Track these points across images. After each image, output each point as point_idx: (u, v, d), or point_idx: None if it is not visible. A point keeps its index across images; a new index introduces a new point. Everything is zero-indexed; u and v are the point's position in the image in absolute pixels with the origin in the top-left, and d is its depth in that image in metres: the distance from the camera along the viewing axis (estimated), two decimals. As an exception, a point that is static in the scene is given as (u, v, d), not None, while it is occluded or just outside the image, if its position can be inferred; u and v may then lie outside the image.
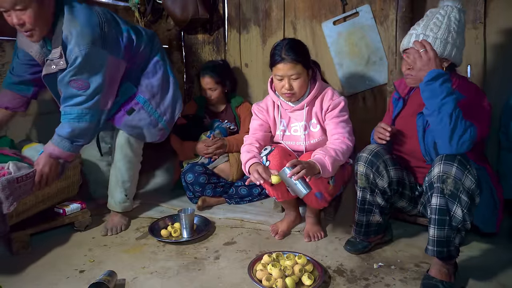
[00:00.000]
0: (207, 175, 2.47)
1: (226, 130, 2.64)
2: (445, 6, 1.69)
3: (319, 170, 1.67)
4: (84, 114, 1.85)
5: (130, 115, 2.05)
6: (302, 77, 1.86)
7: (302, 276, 1.59)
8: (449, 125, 1.45)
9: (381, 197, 1.75)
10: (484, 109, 1.59)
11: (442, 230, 1.48)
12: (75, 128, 1.85)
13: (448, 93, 1.46)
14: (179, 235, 2.04)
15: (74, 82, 1.81)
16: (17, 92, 2.05)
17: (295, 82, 1.86)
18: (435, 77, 1.47)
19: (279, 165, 1.85)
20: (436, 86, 1.47)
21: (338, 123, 1.90)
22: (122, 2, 2.92)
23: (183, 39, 3.22)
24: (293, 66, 1.82)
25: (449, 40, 1.64)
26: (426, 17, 1.71)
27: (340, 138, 1.86)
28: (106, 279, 1.52)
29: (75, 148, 1.91)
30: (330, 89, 1.98)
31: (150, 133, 2.15)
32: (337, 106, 1.92)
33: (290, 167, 1.62)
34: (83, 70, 1.80)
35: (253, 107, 2.09)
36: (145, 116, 2.09)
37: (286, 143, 2.02)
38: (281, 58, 1.83)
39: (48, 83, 1.95)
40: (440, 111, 1.46)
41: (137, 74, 2.12)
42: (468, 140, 1.45)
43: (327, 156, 1.72)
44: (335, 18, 2.57)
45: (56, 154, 1.86)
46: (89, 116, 1.87)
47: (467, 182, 1.44)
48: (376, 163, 1.70)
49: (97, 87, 1.85)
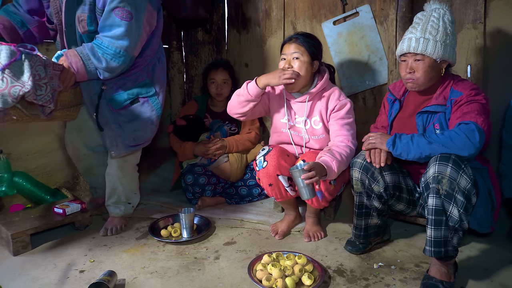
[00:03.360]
0: (207, 176, 2.47)
1: (226, 131, 2.64)
2: (436, 8, 1.70)
3: (326, 173, 1.69)
4: (120, 55, 1.80)
5: (132, 106, 1.97)
6: (303, 61, 1.87)
7: (302, 276, 1.59)
8: (446, 147, 1.49)
9: (378, 201, 1.75)
10: (480, 102, 1.59)
11: (439, 231, 1.49)
12: (108, 65, 1.80)
13: (412, 139, 1.55)
14: (179, 235, 2.04)
15: (119, 10, 1.75)
16: (9, 18, 1.91)
17: (295, 62, 1.88)
18: (393, 141, 1.59)
19: (276, 165, 1.86)
20: (403, 143, 1.57)
21: (343, 125, 1.90)
22: (122, 2, 2.91)
23: (183, 39, 3.22)
24: (297, 47, 1.87)
25: (447, 42, 1.66)
26: (420, 20, 1.71)
27: (345, 141, 1.86)
28: (106, 279, 1.52)
29: (93, 75, 1.84)
30: (337, 89, 1.98)
31: (145, 131, 2.03)
32: (343, 108, 1.92)
33: (303, 167, 1.65)
34: (130, 0, 1.77)
35: None
36: (147, 110, 2.01)
37: (290, 132, 2.03)
38: (290, 38, 1.91)
39: (66, 13, 1.83)
40: (430, 148, 1.52)
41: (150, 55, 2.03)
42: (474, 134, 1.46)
43: (334, 160, 1.73)
44: (335, 18, 2.57)
45: (77, 67, 1.78)
46: (122, 59, 1.81)
47: (462, 182, 1.44)
48: (371, 168, 1.70)
49: (138, 22, 1.80)
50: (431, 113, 1.70)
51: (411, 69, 1.68)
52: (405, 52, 1.70)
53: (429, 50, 1.63)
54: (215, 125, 2.66)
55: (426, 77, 1.67)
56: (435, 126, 1.67)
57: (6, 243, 1.88)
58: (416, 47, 1.64)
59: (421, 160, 1.56)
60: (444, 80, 1.72)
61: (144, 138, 2.03)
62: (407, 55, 1.70)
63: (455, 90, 1.65)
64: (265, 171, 1.89)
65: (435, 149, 1.51)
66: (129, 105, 1.96)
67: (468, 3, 2.17)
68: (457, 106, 1.61)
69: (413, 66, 1.68)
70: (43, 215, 2.04)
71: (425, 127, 1.71)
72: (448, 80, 1.71)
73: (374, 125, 2.01)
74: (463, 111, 1.57)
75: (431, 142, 1.51)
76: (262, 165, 1.90)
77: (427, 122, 1.71)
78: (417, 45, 1.64)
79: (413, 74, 1.68)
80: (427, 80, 1.68)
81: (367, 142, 1.70)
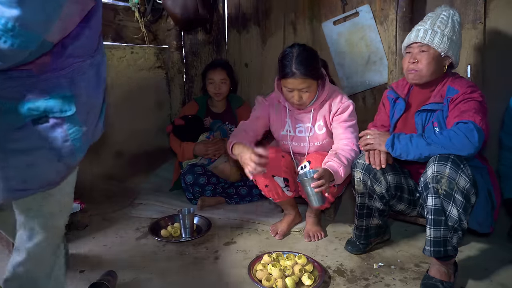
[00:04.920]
0: (207, 176, 2.47)
1: (226, 131, 2.64)
2: (446, 9, 1.73)
3: (333, 178, 1.70)
4: (10, 31, 0.93)
5: (35, 126, 1.12)
6: (312, 89, 1.86)
7: (302, 276, 1.59)
8: (445, 148, 1.48)
9: (380, 201, 1.75)
10: (477, 100, 1.59)
11: (438, 230, 1.49)
12: None
13: (411, 139, 1.55)
14: (179, 235, 2.04)
15: None
16: None
17: (305, 94, 1.86)
18: (392, 142, 1.58)
19: (272, 166, 1.86)
20: (402, 145, 1.56)
21: (346, 128, 1.90)
22: (122, 2, 2.92)
23: (183, 39, 3.22)
24: (303, 80, 1.80)
25: (453, 38, 1.67)
26: (430, 16, 1.72)
27: (350, 144, 1.86)
28: (106, 279, 1.52)
29: None
30: (338, 91, 1.98)
31: (46, 171, 1.16)
32: (346, 110, 1.92)
33: (315, 174, 1.65)
34: None
35: (258, 98, 2.08)
36: (58, 138, 1.14)
37: (291, 144, 2.02)
38: (292, 72, 1.78)
39: None
40: (429, 150, 1.51)
41: (79, 54, 1.19)
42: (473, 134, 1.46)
43: (342, 166, 1.73)
44: (335, 18, 2.57)
45: None
46: (18, 40, 0.95)
47: (461, 181, 1.45)
48: (373, 169, 1.69)
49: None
50: (430, 111, 1.70)
51: (414, 59, 1.68)
52: (412, 41, 1.70)
53: (436, 42, 1.64)
54: (215, 125, 2.67)
55: (429, 69, 1.67)
56: (434, 124, 1.67)
57: (6, 243, 1.88)
58: (424, 37, 1.65)
59: (421, 160, 1.56)
60: (443, 78, 1.73)
61: (41, 180, 1.17)
62: (412, 45, 1.70)
63: (452, 88, 1.65)
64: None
65: (434, 151, 1.51)
66: (30, 124, 1.12)
67: (468, 3, 2.17)
68: (454, 104, 1.61)
69: (417, 57, 1.68)
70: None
71: (424, 125, 1.71)
72: (446, 78, 1.72)
73: (372, 123, 1.99)
74: (461, 110, 1.57)
75: (430, 144, 1.51)
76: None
77: (426, 121, 1.71)
78: (425, 36, 1.65)
79: (416, 64, 1.68)
80: (429, 73, 1.67)
81: (364, 140, 1.70)
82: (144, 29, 2.97)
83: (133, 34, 2.99)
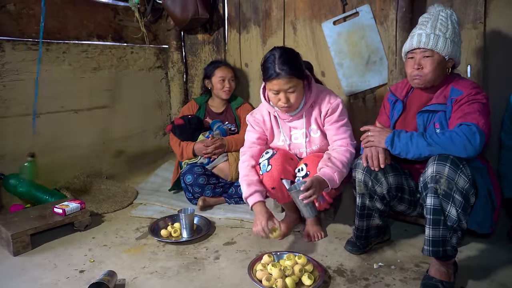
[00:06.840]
0: (206, 176, 2.47)
1: (226, 131, 2.64)
2: (442, 9, 1.70)
3: (327, 185, 1.70)
4: None
5: None
6: (298, 89, 1.81)
7: (302, 276, 1.59)
8: (445, 149, 1.48)
9: (381, 202, 1.75)
10: (481, 102, 1.59)
11: (437, 230, 1.49)
12: None
13: (411, 138, 1.54)
14: (179, 235, 2.04)
15: None
16: None
17: (292, 95, 1.81)
18: (392, 140, 1.57)
19: (281, 169, 1.86)
20: (402, 144, 1.55)
21: (339, 128, 1.89)
22: (122, 2, 2.92)
23: (183, 39, 3.22)
24: (288, 80, 1.76)
25: (455, 40, 1.66)
26: (428, 18, 1.70)
27: (344, 145, 1.86)
28: (106, 279, 1.52)
29: None
30: (325, 91, 1.96)
31: None
32: (336, 110, 1.90)
33: (302, 186, 1.65)
34: None
35: (248, 118, 2.04)
36: None
37: (290, 152, 2.02)
38: (276, 73, 1.74)
39: None
40: (429, 150, 1.51)
41: None
42: (475, 137, 1.46)
43: (336, 171, 1.73)
44: (335, 18, 2.57)
45: None
46: None
47: (460, 181, 1.44)
48: (374, 170, 1.69)
49: None
50: (432, 112, 1.70)
51: (419, 65, 1.67)
52: (415, 47, 1.67)
53: (440, 46, 1.62)
54: (215, 124, 2.67)
55: (435, 74, 1.66)
56: (435, 125, 1.67)
57: (6, 243, 1.88)
58: (427, 43, 1.63)
59: (421, 159, 1.56)
60: (446, 79, 1.72)
61: None
62: (415, 51, 1.68)
63: (456, 89, 1.64)
64: (269, 175, 1.88)
65: (434, 151, 1.50)
66: None
67: (468, 3, 2.17)
68: (458, 105, 1.60)
69: (421, 63, 1.66)
70: (43, 215, 2.04)
71: (426, 126, 1.71)
72: (450, 79, 1.71)
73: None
74: (465, 111, 1.56)
75: (431, 144, 1.50)
76: (266, 169, 1.88)
77: (428, 122, 1.71)
78: (428, 41, 1.63)
79: (421, 70, 1.67)
80: (435, 77, 1.67)
81: (366, 137, 1.69)
82: (144, 29, 2.98)
83: (133, 34, 2.99)
